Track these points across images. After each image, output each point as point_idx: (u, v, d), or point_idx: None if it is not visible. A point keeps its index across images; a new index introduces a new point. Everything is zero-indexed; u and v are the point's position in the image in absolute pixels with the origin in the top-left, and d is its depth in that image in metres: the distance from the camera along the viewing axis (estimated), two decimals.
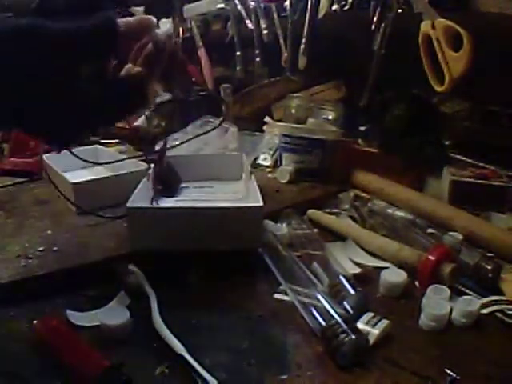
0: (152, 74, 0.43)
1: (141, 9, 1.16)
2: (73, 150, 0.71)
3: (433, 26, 0.69)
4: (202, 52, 1.18)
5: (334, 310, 0.43)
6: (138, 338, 0.44)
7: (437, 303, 0.46)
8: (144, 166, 0.76)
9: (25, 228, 0.64)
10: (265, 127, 1.03)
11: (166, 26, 0.45)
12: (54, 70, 0.36)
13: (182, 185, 0.75)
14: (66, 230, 0.64)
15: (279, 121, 0.98)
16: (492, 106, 0.81)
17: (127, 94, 0.41)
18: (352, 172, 0.82)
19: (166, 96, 0.90)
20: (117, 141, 1.13)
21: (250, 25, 1.05)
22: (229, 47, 1.13)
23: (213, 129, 0.79)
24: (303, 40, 0.94)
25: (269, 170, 0.92)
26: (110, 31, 0.38)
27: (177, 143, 0.78)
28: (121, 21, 0.39)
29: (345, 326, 0.41)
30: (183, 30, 1.24)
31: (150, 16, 0.42)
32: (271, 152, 0.95)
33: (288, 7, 0.96)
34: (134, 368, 0.39)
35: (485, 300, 0.49)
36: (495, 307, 0.48)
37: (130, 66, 0.42)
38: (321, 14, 0.89)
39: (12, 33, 0.35)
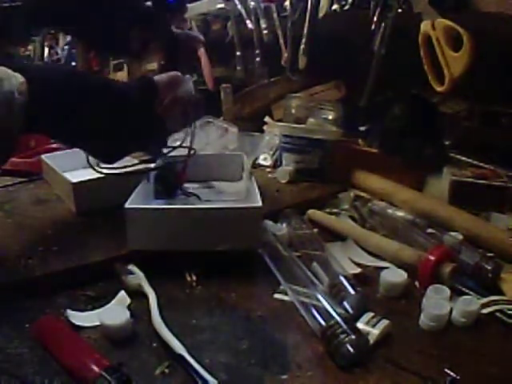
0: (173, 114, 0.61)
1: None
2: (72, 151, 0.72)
3: (433, 26, 0.69)
4: (201, 52, 1.18)
5: (334, 310, 0.43)
6: (137, 338, 0.44)
7: (437, 303, 0.46)
8: (144, 166, 0.75)
9: (25, 228, 0.64)
10: (265, 127, 1.03)
11: (189, 83, 0.63)
12: (122, 114, 0.54)
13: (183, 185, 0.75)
14: (66, 230, 0.64)
15: (279, 121, 0.98)
16: (492, 106, 0.81)
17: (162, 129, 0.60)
18: (352, 172, 0.82)
19: None
20: None
21: (249, 25, 1.05)
22: (229, 47, 1.13)
23: None
24: (303, 40, 0.94)
25: (269, 170, 0.92)
26: (152, 89, 0.57)
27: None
28: (157, 78, 0.57)
29: (345, 326, 0.41)
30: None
31: (178, 73, 0.60)
32: (271, 152, 0.95)
33: (288, 7, 0.96)
34: (134, 368, 0.39)
35: (485, 300, 0.49)
36: (495, 307, 0.48)
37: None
38: (321, 13, 0.89)
39: (92, 88, 0.53)
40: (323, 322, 0.42)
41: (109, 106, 0.53)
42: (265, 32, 1.02)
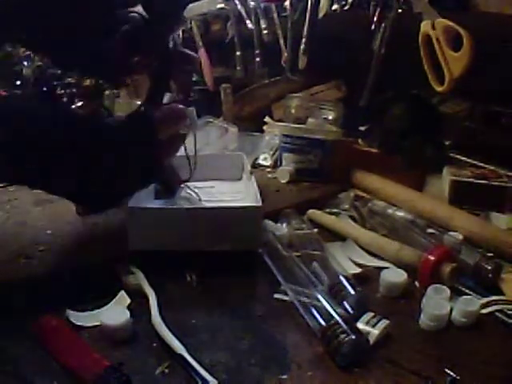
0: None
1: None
2: None
3: (433, 26, 0.69)
4: (201, 52, 1.18)
5: (334, 310, 0.43)
6: (138, 338, 0.44)
7: (437, 303, 0.46)
8: None
9: (25, 228, 0.64)
10: (265, 127, 1.03)
11: (192, 117, 0.55)
12: (111, 160, 0.47)
13: (183, 185, 0.75)
14: (66, 230, 0.64)
15: (279, 121, 0.98)
16: (492, 106, 0.81)
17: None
18: (352, 172, 0.82)
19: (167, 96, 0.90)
20: None
21: (249, 25, 1.05)
22: (229, 47, 1.13)
23: None
24: (303, 40, 0.94)
25: (269, 169, 0.92)
26: (149, 129, 0.49)
27: None
28: (158, 112, 0.50)
29: (345, 326, 0.41)
30: (183, 30, 1.24)
31: (180, 106, 0.52)
32: (271, 152, 0.95)
33: (288, 7, 0.96)
34: (134, 368, 0.39)
35: (485, 300, 0.49)
36: (495, 307, 0.48)
37: None
38: (321, 14, 0.89)
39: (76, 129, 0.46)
40: (323, 322, 0.42)
41: (97, 152, 0.46)
42: (265, 32, 1.02)
